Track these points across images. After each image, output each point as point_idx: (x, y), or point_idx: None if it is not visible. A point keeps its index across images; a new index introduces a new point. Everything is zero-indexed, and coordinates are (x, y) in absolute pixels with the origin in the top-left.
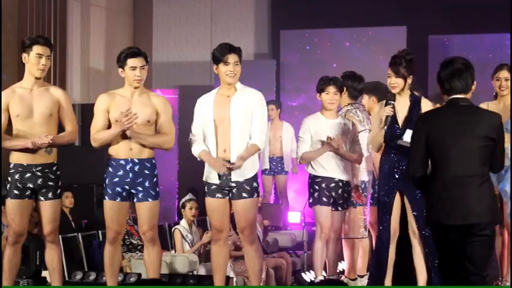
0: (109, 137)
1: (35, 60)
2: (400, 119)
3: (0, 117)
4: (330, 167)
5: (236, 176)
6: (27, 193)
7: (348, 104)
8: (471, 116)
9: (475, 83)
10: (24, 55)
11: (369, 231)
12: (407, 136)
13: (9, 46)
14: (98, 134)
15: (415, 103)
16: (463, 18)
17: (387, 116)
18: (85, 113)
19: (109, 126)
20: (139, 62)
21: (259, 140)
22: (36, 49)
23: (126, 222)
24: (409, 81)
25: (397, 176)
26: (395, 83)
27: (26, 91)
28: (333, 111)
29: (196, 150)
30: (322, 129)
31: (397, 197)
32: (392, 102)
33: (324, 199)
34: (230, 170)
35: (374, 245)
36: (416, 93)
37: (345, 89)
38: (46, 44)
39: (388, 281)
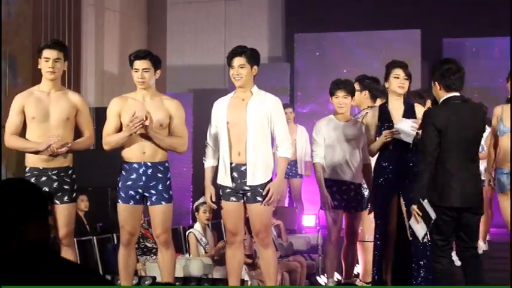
0: (119, 140)
1: (43, 64)
2: (395, 122)
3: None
4: (342, 170)
5: (251, 180)
6: None
7: (368, 107)
8: (470, 110)
9: None
10: (39, 60)
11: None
12: (402, 124)
13: (24, 50)
14: (108, 137)
15: (409, 108)
16: (477, 21)
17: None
18: (99, 116)
19: (121, 130)
20: (142, 64)
21: (287, 150)
22: (44, 53)
23: (141, 225)
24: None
25: (393, 174)
26: (404, 84)
27: (44, 94)
28: (345, 114)
29: (205, 163)
30: (334, 132)
31: (395, 198)
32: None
33: (335, 202)
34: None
35: (373, 248)
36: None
37: (366, 92)
38: (54, 47)
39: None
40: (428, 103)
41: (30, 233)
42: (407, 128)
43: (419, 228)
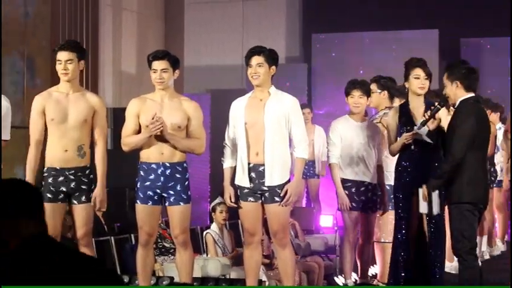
0: (138, 141)
1: (57, 65)
2: (417, 122)
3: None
4: (359, 170)
5: (269, 181)
6: (60, 197)
7: (386, 107)
8: (485, 111)
9: None
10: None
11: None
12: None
13: (42, 51)
14: (127, 139)
15: (429, 107)
16: (494, 21)
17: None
18: (117, 117)
19: (139, 131)
20: (160, 65)
21: (304, 151)
22: (58, 55)
23: (159, 225)
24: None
25: (413, 174)
26: (424, 84)
27: (62, 95)
28: (360, 114)
29: (224, 163)
30: (350, 132)
31: (415, 198)
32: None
33: (353, 204)
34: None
35: (392, 249)
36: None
37: (385, 92)
38: (65, 48)
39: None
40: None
41: (29, 228)
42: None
43: (423, 207)
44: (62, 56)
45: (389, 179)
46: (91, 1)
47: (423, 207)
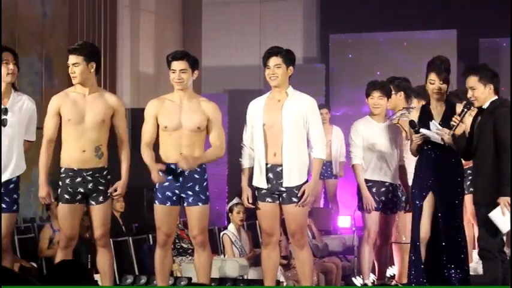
0: (149, 166)
1: (68, 69)
2: (435, 122)
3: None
4: (381, 171)
5: (287, 181)
6: (78, 198)
7: (403, 108)
8: None
9: None
10: None
11: None
12: (432, 127)
13: (60, 52)
14: (144, 153)
15: (450, 108)
16: None
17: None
18: (135, 117)
19: (158, 132)
20: (179, 65)
21: (321, 151)
22: (68, 59)
23: (177, 226)
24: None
25: (431, 176)
26: (440, 89)
27: (80, 96)
28: (381, 115)
29: (242, 164)
30: (372, 133)
31: (430, 198)
32: (417, 129)
33: (374, 204)
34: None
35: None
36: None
37: (401, 93)
38: (73, 52)
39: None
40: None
41: None
42: (433, 130)
43: (504, 222)
44: (70, 59)
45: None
46: (109, 2)
47: (506, 223)
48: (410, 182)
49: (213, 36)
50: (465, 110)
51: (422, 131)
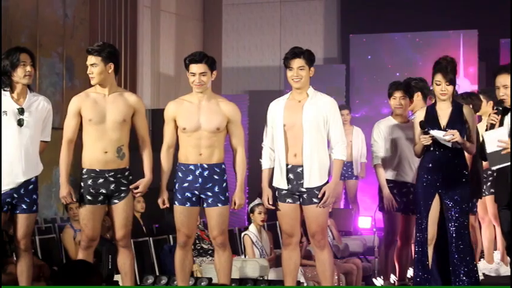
0: (161, 187)
1: (87, 69)
2: (442, 123)
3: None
4: (403, 171)
5: (307, 182)
6: (100, 198)
7: (422, 108)
8: None
9: None
10: None
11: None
12: (437, 132)
13: (81, 53)
14: (163, 160)
15: (456, 109)
16: None
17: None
18: (155, 118)
19: (177, 133)
20: (199, 68)
21: (342, 152)
22: (87, 59)
23: (197, 227)
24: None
25: (436, 176)
26: (446, 90)
27: (100, 96)
28: (403, 115)
29: (262, 165)
30: (394, 133)
31: (436, 199)
32: (426, 130)
33: (395, 205)
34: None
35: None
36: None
37: (418, 93)
38: (90, 52)
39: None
40: (490, 105)
41: None
42: (440, 135)
43: None
44: (88, 60)
45: None
46: (130, 3)
47: None
48: None
49: (234, 37)
50: (500, 108)
51: (432, 132)
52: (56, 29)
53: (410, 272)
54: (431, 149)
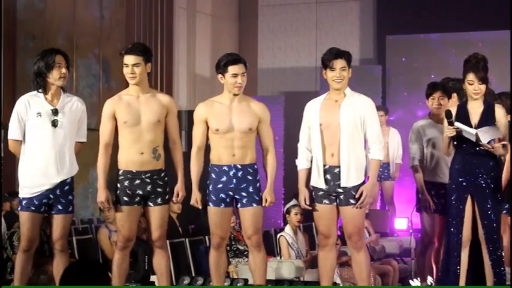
0: (194, 181)
1: (124, 69)
2: (474, 122)
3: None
4: (441, 172)
5: (345, 182)
6: (136, 200)
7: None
8: None
9: None
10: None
11: None
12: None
13: (117, 54)
14: (194, 162)
15: (488, 108)
16: None
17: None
18: (191, 119)
19: (208, 134)
20: (240, 68)
21: (379, 152)
22: (124, 59)
23: (233, 228)
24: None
25: (466, 177)
26: (478, 89)
27: (133, 98)
28: (442, 116)
29: (298, 165)
30: (432, 134)
31: (469, 201)
32: (452, 120)
33: (433, 206)
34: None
35: (443, 251)
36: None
37: (454, 94)
38: (131, 52)
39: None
40: None
41: None
42: (465, 128)
43: None
44: (129, 59)
45: None
46: (165, 4)
47: None
48: None
49: (269, 37)
50: None
51: (457, 124)
52: (93, 31)
53: None
54: (461, 148)
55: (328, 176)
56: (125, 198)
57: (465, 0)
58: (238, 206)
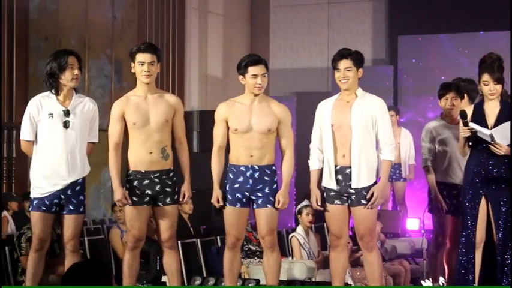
0: (215, 180)
1: (138, 67)
2: (490, 123)
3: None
4: (453, 173)
5: (356, 183)
6: (145, 199)
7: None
8: None
9: None
10: (132, 64)
11: None
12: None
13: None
14: (215, 161)
15: (504, 108)
16: None
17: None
18: (203, 119)
19: (228, 134)
20: (261, 69)
21: (390, 153)
22: (138, 57)
23: (245, 228)
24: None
25: (481, 179)
26: (494, 89)
27: (141, 99)
28: (454, 117)
29: (310, 165)
30: (445, 135)
31: (483, 202)
32: (466, 120)
33: (445, 207)
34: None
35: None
36: None
37: (464, 95)
38: (147, 50)
39: None
40: None
41: None
42: (479, 129)
43: None
44: (145, 57)
45: None
46: (177, 4)
47: None
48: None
49: (281, 38)
50: None
51: (472, 124)
52: (105, 31)
53: None
54: (476, 150)
55: (339, 177)
56: (134, 198)
57: (477, 0)
58: (254, 206)
